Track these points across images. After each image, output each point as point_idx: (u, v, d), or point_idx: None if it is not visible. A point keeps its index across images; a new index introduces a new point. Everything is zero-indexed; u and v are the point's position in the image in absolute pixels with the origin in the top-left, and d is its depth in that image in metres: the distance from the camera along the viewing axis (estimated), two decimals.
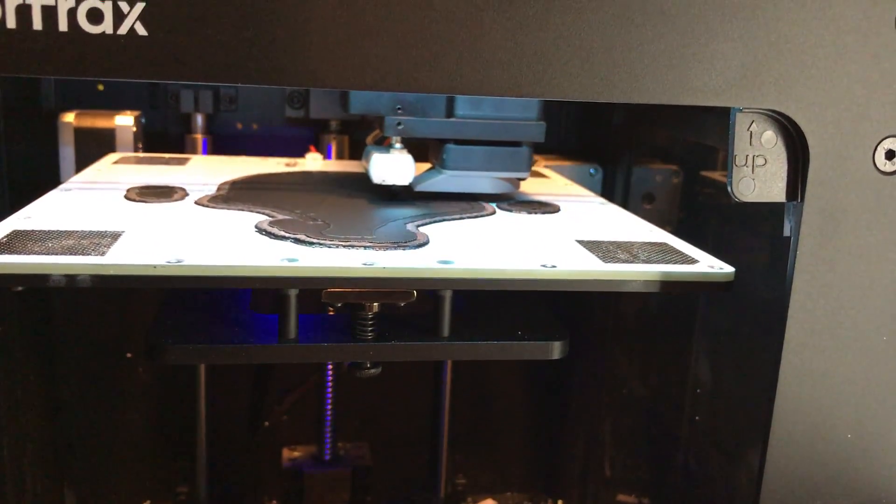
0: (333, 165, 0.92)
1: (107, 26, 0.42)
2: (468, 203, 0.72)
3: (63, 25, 0.41)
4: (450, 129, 0.70)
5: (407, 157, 0.71)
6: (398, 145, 0.71)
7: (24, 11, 0.41)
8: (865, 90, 0.48)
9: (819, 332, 0.51)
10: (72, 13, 0.41)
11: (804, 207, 0.49)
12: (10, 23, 0.41)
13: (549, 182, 0.88)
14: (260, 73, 0.44)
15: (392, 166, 0.70)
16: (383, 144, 0.74)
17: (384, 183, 0.71)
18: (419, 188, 0.72)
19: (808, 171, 0.49)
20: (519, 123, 0.70)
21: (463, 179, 0.72)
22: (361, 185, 0.77)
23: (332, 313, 0.61)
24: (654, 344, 0.97)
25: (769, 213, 0.75)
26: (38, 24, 0.41)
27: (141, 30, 0.42)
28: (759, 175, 0.50)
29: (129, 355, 0.96)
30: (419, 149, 0.73)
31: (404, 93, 0.68)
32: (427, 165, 0.75)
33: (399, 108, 0.69)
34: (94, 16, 0.42)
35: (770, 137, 0.49)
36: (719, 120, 0.74)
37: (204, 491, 0.89)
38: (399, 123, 0.69)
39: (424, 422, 0.97)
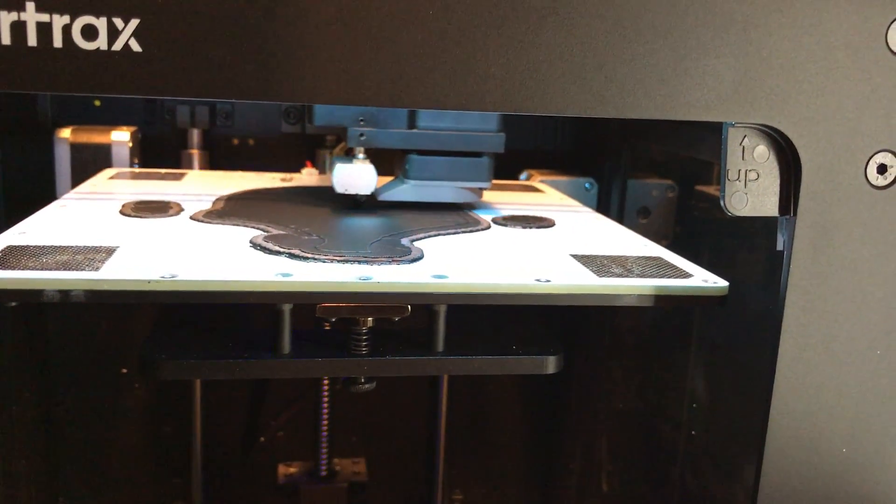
0: (329, 181, 0.92)
1: (101, 43, 0.42)
2: (463, 218, 0.72)
3: (58, 42, 0.42)
4: (412, 140, 0.73)
5: (369, 167, 0.73)
6: (361, 155, 0.73)
7: (18, 28, 0.41)
8: (857, 104, 0.48)
9: (813, 345, 0.51)
10: (66, 29, 0.42)
11: (797, 221, 0.49)
12: (5, 39, 0.41)
13: (543, 196, 0.88)
14: (255, 88, 0.44)
15: (354, 176, 0.73)
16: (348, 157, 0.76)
17: (347, 192, 0.74)
18: (382, 197, 0.75)
19: (800, 186, 0.49)
20: (479, 135, 0.73)
21: (426, 189, 0.75)
22: (357, 201, 0.77)
23: (327, 328, 0.61)
24: (649, 358, 0.97)
25: (763, 228, 0.76)
26: (32, 40, 0.41)
27: (135, 46, 0.42)
28: (751, 189, 0.50)
29: (124, 371, 0.96)
30: (385, 163, 0.76)
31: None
32: (390, 179, 0.77)
33: (362, 120, 0.72)
34: (89, 32, 0.42)
35: (762, 152, 0.50)
36: (713, 134, 0.75)
37: None
38: (362, 135, 0.72)
39: (420, 437, 0.97)
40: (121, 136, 0.87)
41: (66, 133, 0.86)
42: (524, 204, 0.82)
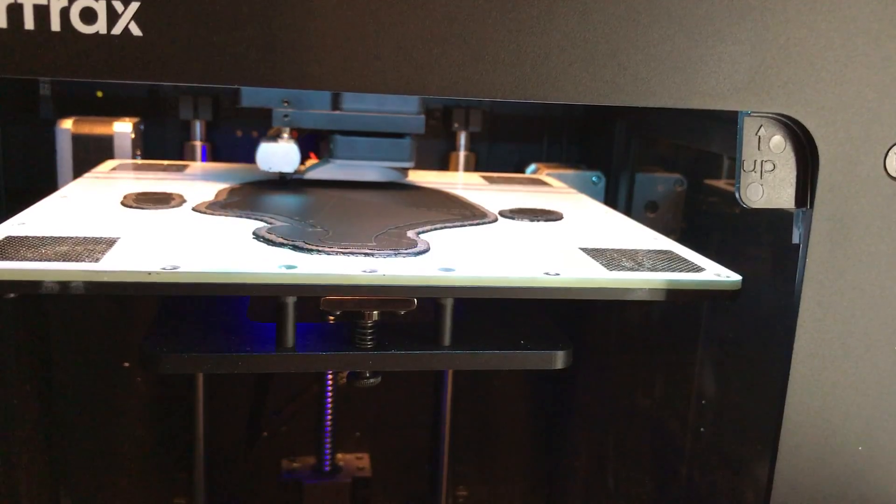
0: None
1: (100, 26, 0.41)
2: (469, 210, 0.71)
3: (55, 25, 0.40)
4: (335, 121, 0.76)
5: (292, 146, 0.77)
6: (285, 135, 0.76)
7: (15, 10, 0.40)
8: (876, 94, 0.47)
9: (829, 341, 0.50)
10: (64, 13, 0.41)
11: (813, 214, 0.48)
12: (1, 22, 0.40)
13: (551, 189, 0.87)
14: (257, 74, 0.43)
15: (277, 154, 0.76)
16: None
17: (271, 170, 0.77)
18: (308, 175, 0.79)
19: (817, 177, 0.48)
20: (401, 116, 0.76)
21: (350, 168, 0.79)
22: (362, 193, 0.76)
23: (331, 321, 0.60)
24: (657, 354, 0.96)
25: (772, 222, 0.74)
26: (29, 23, 0.40)
27: (136, 30, 0.41)
28: (767, 181, 0.49)
29: (126, 365, 0.95)
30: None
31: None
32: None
33: (286, 102, 0.75)
34: (88, 15, 0.41)
35: (779, 142, 0.48)
36: (722, 126, 0.74)
37: (202, 502, 0.87)
38: (286, 115, 0.75)
39: (425, 433, 0.96)
40: (123, 128, 0.86)
41: (67, 124, 0.85)
42: (532, 196, 0.81)
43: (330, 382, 0.91)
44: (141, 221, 0.60)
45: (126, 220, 0.60)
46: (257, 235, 0.57)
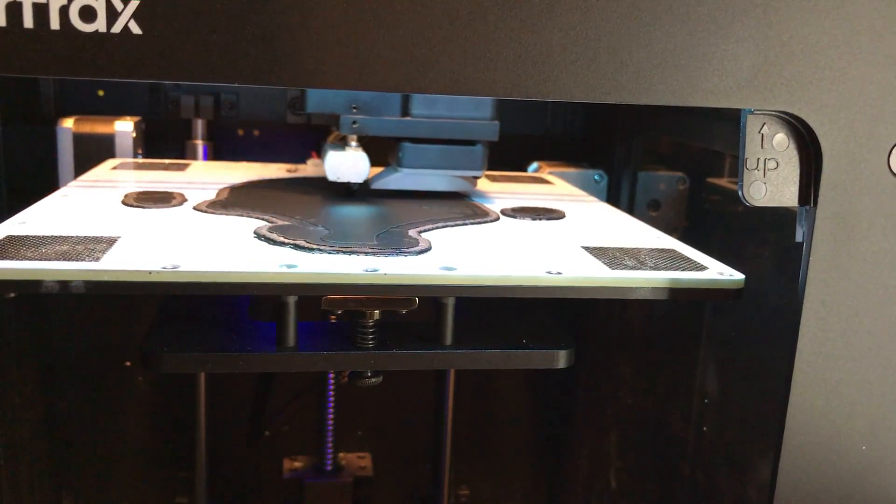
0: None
1: (100, 24, 0.41)
2: (471, 209, 0.71)
3: (55, 23, 0.40)
4: (405, 127, 0.72)
5: (361, 155, 0.72)
6: (353, 143, 0.72)
7: (14, 9, 0.40)
8: (880, 91, 0.47)
9: (833, 340, 0.49)
10: (64, 11, 0.40)
11: (817, 212, 0.48)
12: (0, 21, 0.40)
13: (553, 188, 0.86)
14: (258, 72, 0.43)
15: (347, 164, 0.72)
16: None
17: (339, 180, 0.73)
18: (375, 186, 0.74)
19: (821, 175, 0.47)
20: (473, 123, 0.72)
21: (419, 177, 0.74)
22: (364, 192, 0.76)
23: (333, 320, 0.60)
24: (660, 353, 0.95)
25: (775, 221, 0.74)
26: (28, 22, 0.40)
27: (135, 28, 0.41)
28: (770, 179, 0.49)
29: (127, 364, 0.95)
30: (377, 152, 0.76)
31: (360, 91, 0.68)
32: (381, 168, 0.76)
33: (354, 107, 0.71)
34: (87, 14, 0.41)
35: (782, 140, 0.48)
36: (725, 124, 0.74)
37: (204, 501, 0.87)
38: (354, 122, 0.71)
39: (427, 432, 0.96)
40: (124, 126, 0.86)
41: (69, 123, 0.85)
42: (533, 195, 0.81)
43: (332, 382, 0.91)
44: (142, 220, 0.60)
45: (127, 220, 0.60)
46: (258, 234, 0.57)
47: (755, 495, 0.76)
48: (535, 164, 0.97)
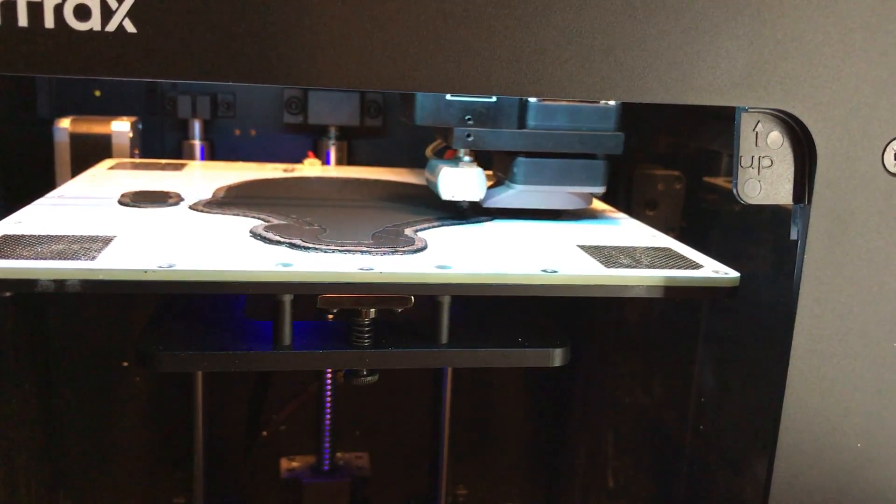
0: (332, 171, 0.91)
1: (94, 23, 0.41)
2: (468, 208, 0.71)
3: (49, 22, 0.40)
4: (522, 140, 0.66)
5: (478, 171, 0.67)
6: (467, 158, 0.68)
7: (8, 7, 0.40)
8: (874, 89, 0.47)
9: (828, 337, 0.50)
10: (58, 9, 0.40)
11: (811, 210, 0.48)
12: None
13: None
14: (254, 71, 0.43)
15: (463, 181, 0.67)
16: (444, 157, 0.70)
17: (453, 199, 0.67)
18: (488, 204, 0.68)
19: (815, 173, 0.48)
20: (594, 134, 0.66)
21: (534, 195, 0.68)
22: (359, 191, 0.76)
23: (329, 319, 0.60)
24: (656, 352, 0.95)
25: (772, 220, 0.74)
26: (23, 20, 0.40)
27: (130, 27, 0.41)
28: (764, 177, 0.49)
29: (124, 364, 0.95)
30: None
31: (474, 102, 0.65)
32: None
33: (469, 119, 0.65)
34: (82, 12, 0.41)
35: (776, 138, 0.48)
36: (720, 123, 0.74)
37: (201, 501, 0.87)
38: (469, 135, 0.66)
39: (424, 431, 0.96)
40: (121, 127, 0.86)
41: (65, 123, 0.85)
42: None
43: (329, 381, 0.91)
44: (138, 220, 0.60)
45: (123, 219, 0.60)
46: (254, 233, 0.57)
47: (751, 493, 0.77)
48: None
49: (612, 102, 0.65)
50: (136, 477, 0.98)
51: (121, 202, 0.66)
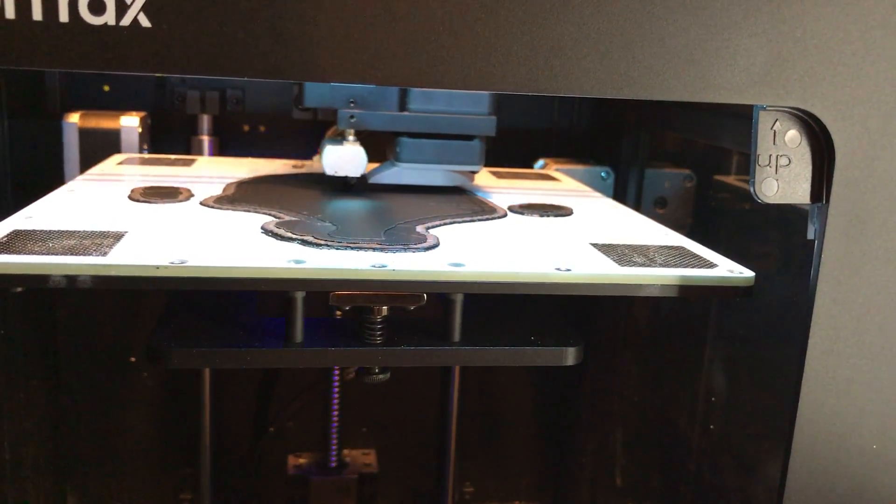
0: None
1: (109, 17, 0.40)
2: (479, 205, 0.71)
3: (64, 16, 0.40)
4: (403, 122, 0.72)
5: (359, 149, 0.73)
6: (351, 137, 0.73)
7: (23, 1, 0.40)
8: (894, 88, 0.46)
9: (844, 338, 0.49)
10: (73, 3, 0.40)
11: (829, 209, 0.47)
12: (10, 13, 0.40)
13: (560, 185, 0.86)
14: (267, 66, 0.42)
15: (344, 158, 0.73)
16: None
17: (336, 174, 0.73)
18: (373, 180, 0.74)
19: (833, 172, 0.47)
20: (470, 118, 0.72)
21: (416, 172, 0.74)
22: (371, 188, 0.76)
23: (339, 316, 0.59)
24: (666, 350, 0.95)
25: (782, 218, 0.74)
26: (38, 14, 0.40)
27: (144, 21, 0.41)
28: (782, 175, 0.48)
29: (133, 360, 0.95)
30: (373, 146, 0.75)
31: (358, 86, 0.70)
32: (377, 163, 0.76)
33: (352, 102, 0.71)
34: (96, 6, 0.40)
35: (794, 136, 0.48)
36: (733, 121, 0.73)
37: (208, 498, 0.87)
38: (352, 116, 0.71)
39: (431, 428, 0.96)
40: (130, 122, 0.86)
41: (74, 118, 0.85)
42: (541, 191, 0.80)
43: (336, 378, 0.90)
44: (148, 215, 0.60)
45: (133, 215, 0.60)
46: (266, 230, 0.57)
47: (762, 494, 0.76)
48: (541, 161, 0.97)
49: None
50: (143, 472, 0.98)
51: (131, 198, 0.65)
